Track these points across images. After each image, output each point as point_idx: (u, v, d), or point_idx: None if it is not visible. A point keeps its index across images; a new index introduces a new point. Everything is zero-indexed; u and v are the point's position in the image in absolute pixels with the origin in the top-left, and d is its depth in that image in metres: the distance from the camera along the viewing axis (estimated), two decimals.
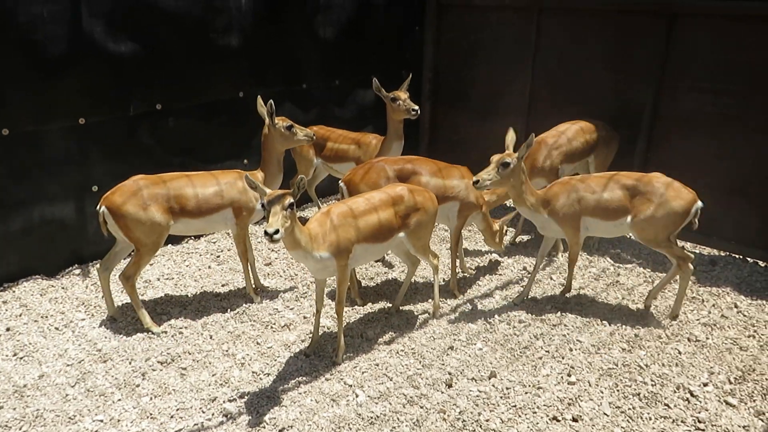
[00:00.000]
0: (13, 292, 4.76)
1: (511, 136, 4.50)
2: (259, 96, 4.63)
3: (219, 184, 4.46)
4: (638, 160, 5.85)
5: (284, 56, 6.20)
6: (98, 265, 4.58)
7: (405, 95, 5.34)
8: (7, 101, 4.57)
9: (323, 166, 6.01)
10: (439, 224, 5.40)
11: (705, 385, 3.90)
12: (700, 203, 4.42)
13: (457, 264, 5.07)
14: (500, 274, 5.35)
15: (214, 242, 5.79)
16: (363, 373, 3.97)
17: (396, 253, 4.63)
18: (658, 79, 5.60)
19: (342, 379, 3.91)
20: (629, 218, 4.43)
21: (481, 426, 3.52)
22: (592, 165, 5.67)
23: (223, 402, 3.68)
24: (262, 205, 3.41)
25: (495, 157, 4.26)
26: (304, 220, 3.81)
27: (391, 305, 4.78)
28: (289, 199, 3.39)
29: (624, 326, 4.54)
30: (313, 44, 6.40)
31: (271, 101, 4.53)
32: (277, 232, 3.28)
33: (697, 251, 5.75)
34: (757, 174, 5.30)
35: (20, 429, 3.43)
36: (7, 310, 4.55)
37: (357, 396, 3.74)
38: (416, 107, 5.28)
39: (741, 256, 5.57)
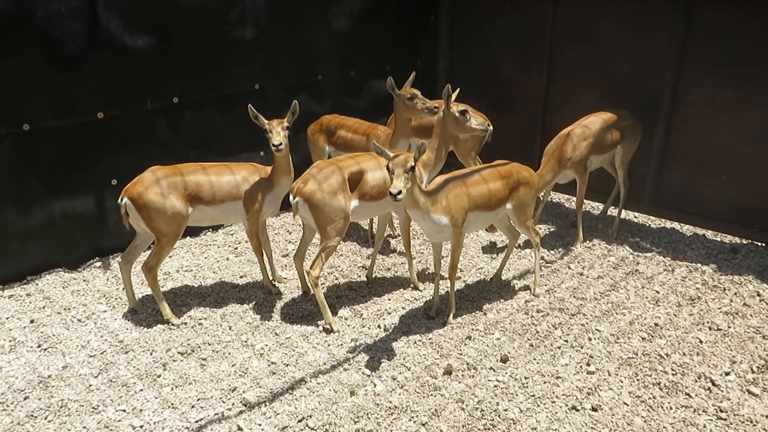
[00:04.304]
0: (37, 284, 4.84)
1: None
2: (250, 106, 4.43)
3: (233, 173, 4.49)
4: (657, 147, 5.77)
5: (299, 48, 6.19)
6: (119, 258, 4.64)
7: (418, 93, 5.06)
8: (27, 97, 4.63)
9: (335, 154, 5.98)
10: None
11: (727, 374, 3.86)
12: None
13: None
14: (518, 264, 5.32)
15: (232, 234, 5.83)
16: (381, 363, 3.98)
17: (499, 227, 4.94)
18: (677, 63, 5.51)
19: (360, 369, 3.93)
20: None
21: (499, 415, 3.52)
22: (618, 156, 5.58)
23: (243, 392, 3.71)
24: (387, 167, 3.68)
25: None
26: None
27: (408, 290, 4.79)
28: (411, 162, 3.67)
29: (644, 315, 4.50)
30: (327, 35, 6.39)
31: (250, 105, 4.40)
32: (400, 192, 3.59)
33: (719, 239, 5.67)
34: None
35: (45, 418, 3.50)
36: (30, 302, 4.63)
37: (375, 386, 3.76)
38: (437, 105, 4.98)
39: (764, 244, 5.48)
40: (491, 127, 4.75)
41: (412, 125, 5.40)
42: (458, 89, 4.71)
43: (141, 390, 3.72)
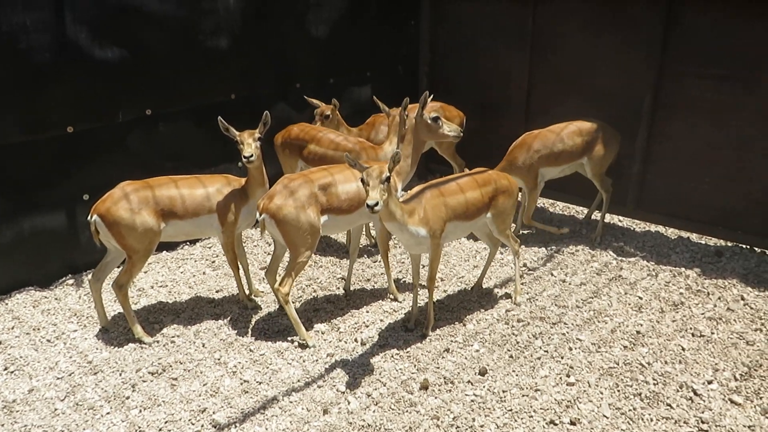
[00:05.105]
0: (6, 304, 4.72)
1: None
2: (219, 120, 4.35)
3: (206, 186, 4.40)
4: (640, 150, 5.70)
5: (276, 56, 6.11)
6: (89, 276, 4.53)
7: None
8: None
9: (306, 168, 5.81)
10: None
11: (709, 382, 3.78)
12: None
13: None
14: (500, 272, 5.23)
15: (210, 247, 5.72)
16: (356, 378, 3.88)
17: (479, 235, 4.84)
18: (658, 66, 5.44)
19: (335, 385, 3.83)
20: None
21: None
22: (588, 166, 5.51)
23: (213, 412, 3.61)
24: (361, 180, 3.58)
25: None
26: None
27: (386, 301, 4.70)
28: (386, 173, 3.57)
29: (626, 323, 4.42)
30: (305, 43, 6.31)
31: (220, 117, 4.28)
32: (377, 204, 3.48)
33: (703, 242, 5.60)
34: (762, 161, 5.13)
35: None
36: None
37: (349, 403, 3.66)
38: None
39: (748, 246, 5.41)
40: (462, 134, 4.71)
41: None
42: (432, 95, 4.64)
43: (108, 413, 3.61)
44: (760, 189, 5.18)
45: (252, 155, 4.22)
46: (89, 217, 4.16)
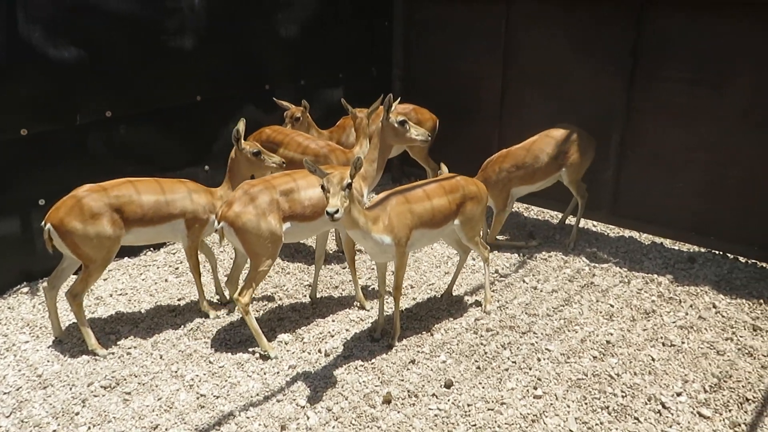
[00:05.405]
0: None
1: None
2: (241, 122, 4.40)
3: (165, 193, 4.23)
4: (614, 155, 5.62)
5: (244, 56, 5.96)
6: (44, 284, 4.35)
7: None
8: None
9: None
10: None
11: (678, 395, 3.70)
12: None
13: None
14: (471, 279, 5.12)
15: (174, 253, 5.54)
16: (317, 392, 3.75)
17: (448, 242, 4.76)
18: (629, 70, 5.37)
19: (294, 399, 3.69)
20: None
21: None
22: (565, 176, 5.42)
23: (165, 429, 3.46)
24: (322, 186, 3.42)
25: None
26: None
27: (353, 310, 4.57)
28: (347, 179, 3.42)
29: (596, 332, 4.33)
30: (275, 43, 6.16)
31: (238, 128, 4.30)
32: (337, 211, 3.34)
33: (677, 248, 5.54)
34: (735, 166, 5.08)
35: None
36: None
37: (308, 419, 3.53)
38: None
39: (721, 252, 5.36)
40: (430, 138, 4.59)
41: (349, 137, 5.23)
42: (399, 98, 4.52)
43: (54, 431, 3.44)
44: (733, 194, 5.13)
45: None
46: (42, 225, 3.99)
